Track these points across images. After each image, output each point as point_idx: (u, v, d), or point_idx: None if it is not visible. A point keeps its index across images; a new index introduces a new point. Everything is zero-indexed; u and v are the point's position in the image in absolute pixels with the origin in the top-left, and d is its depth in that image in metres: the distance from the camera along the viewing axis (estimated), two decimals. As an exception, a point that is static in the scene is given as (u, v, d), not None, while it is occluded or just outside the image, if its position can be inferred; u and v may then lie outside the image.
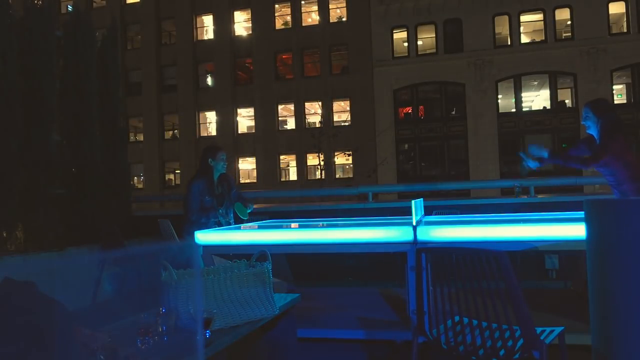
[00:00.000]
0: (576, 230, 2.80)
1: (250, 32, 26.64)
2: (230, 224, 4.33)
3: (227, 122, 26.50)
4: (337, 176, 25.07)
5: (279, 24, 26.45)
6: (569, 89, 22.70)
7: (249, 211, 4.38)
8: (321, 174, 22.73)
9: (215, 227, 4.25)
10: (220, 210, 4.29)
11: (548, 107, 23.14)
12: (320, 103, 25.38)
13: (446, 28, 23.66)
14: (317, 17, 25.88)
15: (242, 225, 4.22)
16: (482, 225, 3.19)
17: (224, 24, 26.65)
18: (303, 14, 26.09)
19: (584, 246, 2.05)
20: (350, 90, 24.51)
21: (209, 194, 4.20)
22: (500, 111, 23.27)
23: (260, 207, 8.09)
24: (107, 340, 1.65)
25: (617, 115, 3.66)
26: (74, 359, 1.52)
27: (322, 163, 21.84)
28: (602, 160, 3.47)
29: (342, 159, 25.59)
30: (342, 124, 25.23)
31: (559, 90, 22.84)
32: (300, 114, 25.73)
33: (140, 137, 27.93)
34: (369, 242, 3.24)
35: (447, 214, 4.93)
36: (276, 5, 26.27)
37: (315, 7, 25.89)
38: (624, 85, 22.64)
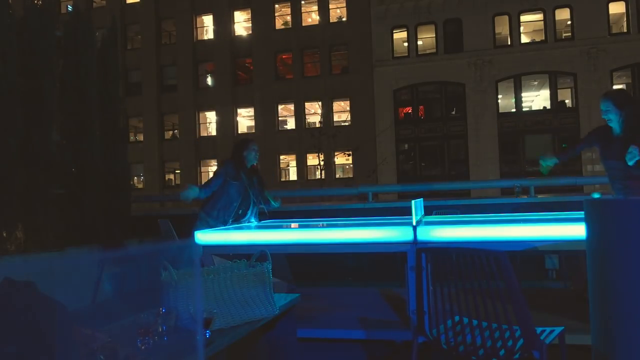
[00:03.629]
0: (576, 230, 2.80)
1: (250, 32, 26.63)
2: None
3: (227, 122, 26.50)
4: (337, 176, 25.07)
5: (279, 24, 26.45)
6: (569, 89, 22.71)
7: (276, 205, 4.58)
8: (321, 174, 22.73)
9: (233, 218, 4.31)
10: (240, 211, 4.33)
11: (548, 107, 23.14)
12: (320, 103, 25.37)
13: (446, 28, 23.66)
14: (317, 17, 25.88)
15: (242, 226, 4.22)
16: (482, 225, 3.19)
17: (224, 24, 26.64)
18: (303, 14, 26.08)
19: (584, 246, 2.05)
20: (350, 90, 24.51)
21: (234, 178, 4.25)
22: (500, 111, 23.27)
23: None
24: (107, 340, 1.65)
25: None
26: (74, 359, 1.52)
27: (322, 163, 21.83)
28: None
29: (342, 159, 25.59)
30: (342, 124, 25.23)
31: (559, 90, 22.84)
32: (300, 114, 25.73)
33: (140, 137, 27.92)
34: (369, 242, 3.24)
35: (447, 214, 4.93)
36: (276, 5, 26.26)
37: (315, 7, 25.89)
38: (624, 85, 22.63)
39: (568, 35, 22.68)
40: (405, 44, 24.26)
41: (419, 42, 24.14)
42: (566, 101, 22.91)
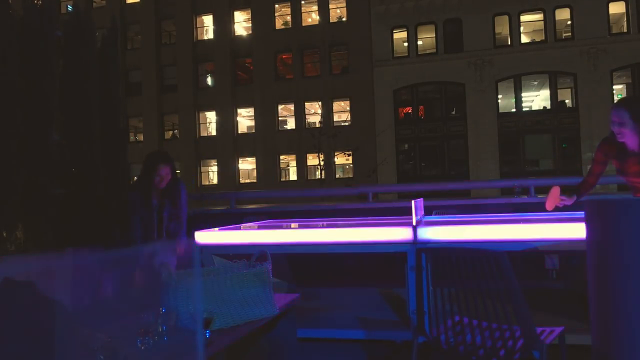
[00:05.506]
0: (576, 230, 2.80)
1: (250, 32, 26.63)
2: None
3: (227, 122, 26.50)
4: (337, 176, 25.07)
5: (279, 24, 26.45)
6: (569, 89, 22.71)
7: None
8: (321, 174, 22.73)
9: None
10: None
11: (548, 107, 23.14)
12: (320, 103, 25.38)
13: (446, 28, 23.66)
14: (317, 17, 25.88)
15: (242, 225, 4.22)
16: (482, 225, 3.19)
17: (224, 24, 26.64)
18: (303, 14, 26.09)
19: (584, 246, 2.05)
20: (350, 90, 24.51)
21: (145, 205, 3.62)
22: (500, 111, 23.28)
23: (260, 207, 8.08)
24: (107, 340, 1.65)
25: None
26: (74, 359, 1.52)
27: (322, 163, 21.84)
28: None
29: (342, 159, 25.59)
30: (342, 124, 25.23)
31: (559, 90, 22.84)
32: (300, 114, 25.73)
33: (140, 137, 27.92)
34: (369, 242, 3.24)
35: (447, 214, 4.92)
36: (276, 5, 26.27)
37: (315, 7, 25.89)
38: (624, 85, 22.64)
39: (568, 35, 22.68)
40: (405, 44, 24.26)
41: (419, 42, 24.14)
42: (566, 101, 22.91)
